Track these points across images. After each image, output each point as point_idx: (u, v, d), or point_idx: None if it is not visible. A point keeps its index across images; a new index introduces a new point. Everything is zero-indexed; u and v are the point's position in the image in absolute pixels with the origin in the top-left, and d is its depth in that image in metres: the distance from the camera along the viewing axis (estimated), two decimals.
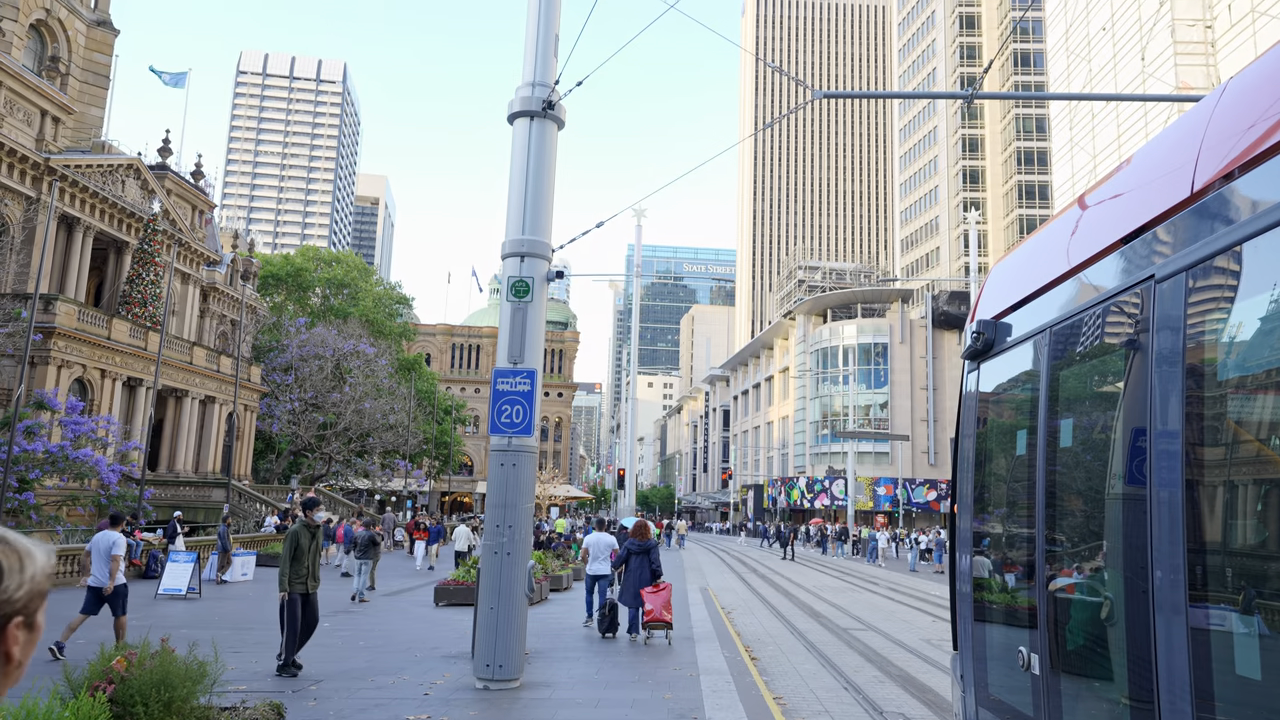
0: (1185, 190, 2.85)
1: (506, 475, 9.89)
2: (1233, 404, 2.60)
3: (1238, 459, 2.58)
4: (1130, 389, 3.09)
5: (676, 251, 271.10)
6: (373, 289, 72.92)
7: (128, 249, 44.16)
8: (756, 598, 22.63)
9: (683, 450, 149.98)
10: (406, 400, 61.48)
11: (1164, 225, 2.97)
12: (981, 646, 4.38)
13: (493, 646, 9.47)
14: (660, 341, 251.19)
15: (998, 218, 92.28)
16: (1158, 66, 54.51)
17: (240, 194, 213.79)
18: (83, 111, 43.05)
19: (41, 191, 38.00)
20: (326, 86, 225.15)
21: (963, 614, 4.63)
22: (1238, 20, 49.31)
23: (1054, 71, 72.80)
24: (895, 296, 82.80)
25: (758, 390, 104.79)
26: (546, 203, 10.02)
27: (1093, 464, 3.48)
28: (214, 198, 54.47)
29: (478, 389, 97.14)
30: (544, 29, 10.00)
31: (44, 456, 28.71)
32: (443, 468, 76.29)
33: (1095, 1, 64.68)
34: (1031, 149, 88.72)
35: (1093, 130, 63.02)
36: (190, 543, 25.70)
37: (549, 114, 10.04)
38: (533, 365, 10.03)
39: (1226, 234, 2.57)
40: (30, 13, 39.90)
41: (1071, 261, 3.65)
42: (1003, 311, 4.36)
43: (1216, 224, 2.65)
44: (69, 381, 37.38)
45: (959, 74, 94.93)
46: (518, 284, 9.76)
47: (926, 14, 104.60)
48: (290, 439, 55.79)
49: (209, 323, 53.66)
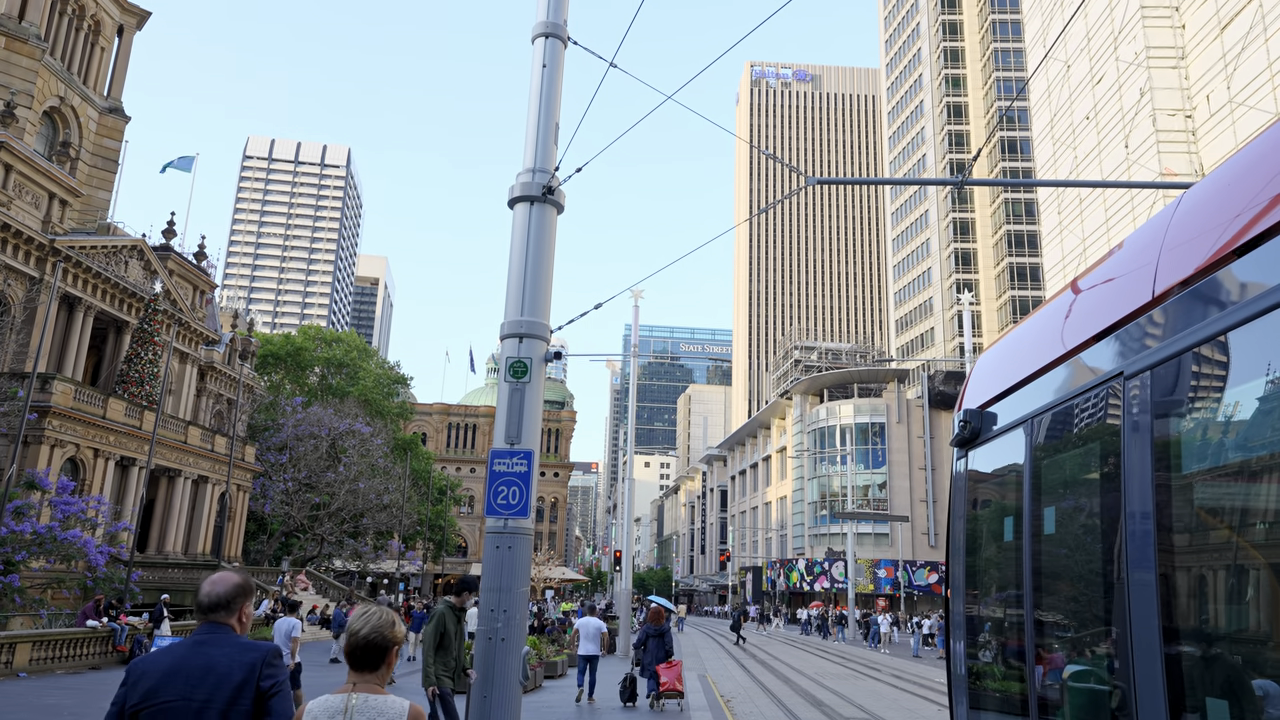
0: (1147, 294, 3.07)
1: (502, 558, 9.75)
2: (1198, 495, 2.77)
3: (1205, 546, 2.74)
4: (1105, 481, 3.26)
5: (673, 331, 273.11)
6: (372, 369, 73.09)
7: (127, 328, 44.42)
8: (757, 684, 22.02)
9: (680, 531, 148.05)
10: (401, 480, 60.95)
11: (1131, 326, 3.19)
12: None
13: None
14: (657, 421, 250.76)
15: (990, 299, 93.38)
16: (1141, 154, 56.01)
17: (242, 274, 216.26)
18: (91, 194, 43.88)
19: (45, 272, 38.42)
20: (330, 171, 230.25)
21: (958, 699, 4.65)
22: (1216, 110, 50.91)
23: (1040, 158, 74.74)
24: (891, 376, 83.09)
25: (755, 470, 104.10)
26: (545, 285, 10.16)
27: (1074, 551, 3.62)
28: (216, 278, 55.07)
29: (473, 469, 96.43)
30: (544, 117, 10.30)
31: (32, 537, 28.25)
32: (438, 550, 75.14)
33: (1078, 92, 66.86)
34: (1021, 232, 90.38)
35: (1080, 214, 64.34)
36: (177, 627, 25.10)
37: (549, 199, 10.26)
38: (530, 446, 9.99)
39: (1183, 338, 2.81)
40: (45, 100, 41.07)
41: (1049, 356, 3.86)
42: (987, 401, 4.55)
43: (1174, 328, 2.89)
44: (61, 461, 37.10)
45: (948, 160, 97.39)
46: (516, 364, 9.82)
47: (915, 103, 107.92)
48: (283, 519, 55.08)
49: (205, 401, 53.58)
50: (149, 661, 3.28)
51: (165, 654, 3.29)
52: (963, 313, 48.13)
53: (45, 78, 40.79)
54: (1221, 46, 50.40)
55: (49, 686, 18.59)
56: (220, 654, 3.22)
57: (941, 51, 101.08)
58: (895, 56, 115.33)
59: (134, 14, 47.48)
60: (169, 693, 3.15)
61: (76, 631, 22.84)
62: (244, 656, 3.22)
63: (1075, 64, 67.37)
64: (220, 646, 3.25)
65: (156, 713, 3.14)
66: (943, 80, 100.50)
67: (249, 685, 3.17)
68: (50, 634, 21.99)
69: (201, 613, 3.37)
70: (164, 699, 3.14)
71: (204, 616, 3.36)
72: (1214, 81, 51.40)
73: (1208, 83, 52.21)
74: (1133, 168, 56.14)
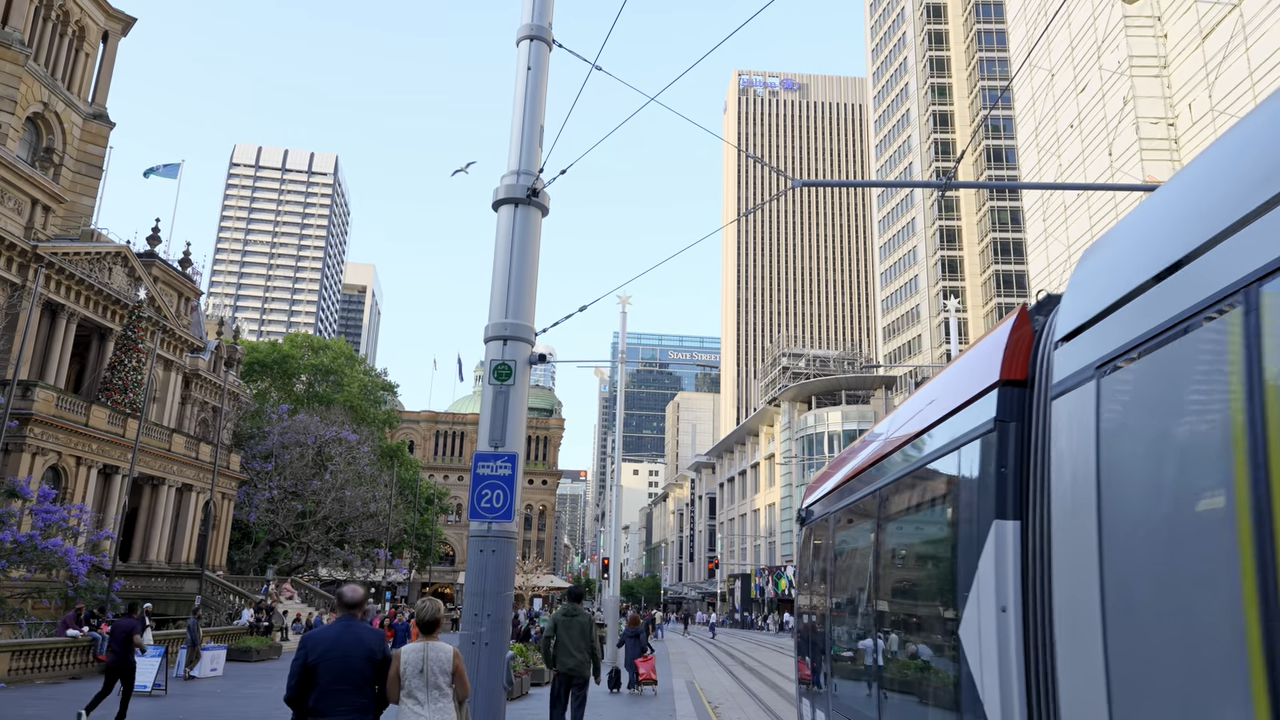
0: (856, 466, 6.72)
1: (486, 562, 9.67)
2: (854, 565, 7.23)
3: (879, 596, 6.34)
4: (859, 554, 7.00)
5: (662, 339, 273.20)
6: (359, 376, 72.68)
7: (111, 335, 44.05)
8: (744, 690, 21.97)
9: (668, 539, 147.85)
10: (388, 488, 60.61)
11: (858, 476, 6.86)
12: (818, 676, 8.58)
13: None
14: (646, 428, 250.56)
15: (977, 305, 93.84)
16: (1124, 161, 56.46)
17: (228, 282, 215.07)
18: (74, 200, 43.55)
19: (27, 279, 38.07)
20: (318, 178, 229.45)
21: (803, 658, 9.72)
22: (1198, 119, 51.41)
23: (1025, 166, 75.26)
24: (879, 383, 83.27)
25: (743, 477, 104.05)
26: (530, 287, 10.12)
27: (854, 591, 7.13)
28: (201, 285, 54.68)
29: (460, 476, 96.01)
30: (529, 120, 10.28)
31: (12, 546, 27.92)
32: (424, 558, 74.69)
33: (1062, 100, 67.40)
34: (1008, 239, 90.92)
35: (1065, 222, 64.80)
36: (159, 636, 24.83)
37: (533, 201, 10.24)
38: (515, 449, 9.93)
39: (853, 491, 6.96)
40: (28, 105, 40.77)
41: (835, 483, 7.85)
42: (813, 501, 9.19)
43: (859, 484, 6.81)
44: (43, 469, 36.71)
45: (934, 168, 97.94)
46: (500, 367, 9.76)
47: (901, 112, 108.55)
48: (268, 528, 54.63)
49: (190, 409, 53.16)
50: (318, 634, 5.89)
51: (328, 630, 5.90)
52: (949, 319, 48.33)
53: (29, 83, 40.50)
54: (1203, 56, 50.92)
55: (28, 697, 18.33)
56: (362, 631, 5.94)
57: (927, 60, 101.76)
58: (882, 65, 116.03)
59: (119, 20, 47.23)
60: (336, 652, 5.73)
61: (57, 641, 22.55)
62: (372, 634, 5.97)
63: (1059, 73, 67.95)
64: (361, 627, 5.95)
65: (330, 662, 5.68)
66: (929, 89, 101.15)
67: (377, 650, 5.87)
68: (30, 643, 21.70)
69: (345, 607, 5.99)
70: (334, 655, 5.71)
71: (347, 610, 5.98)
72: (1196, 90, 51.92)
73: (1189, 91, 52.73)
74: (1116, 175, 56.59)
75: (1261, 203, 2.39)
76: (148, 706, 17.07)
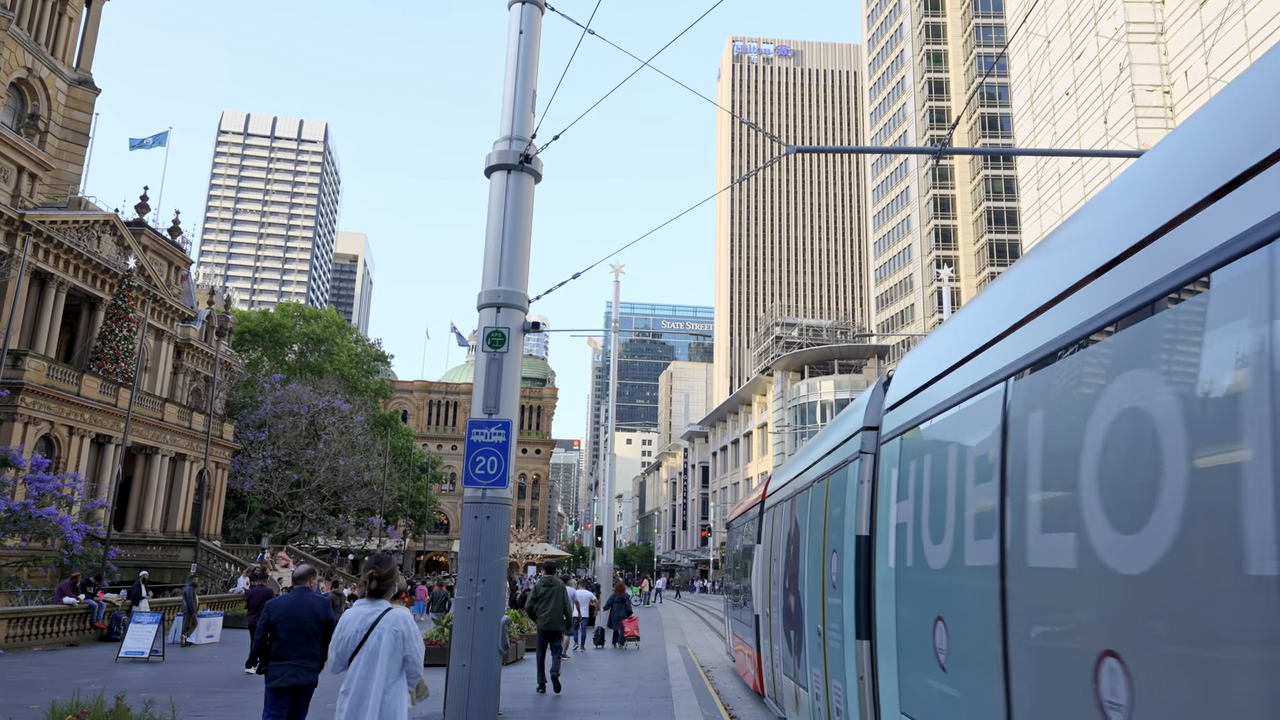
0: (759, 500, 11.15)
1: (480, 528, 9.73)
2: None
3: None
4: (759, 549, 13.00)
5: (655, 309, 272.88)
6: (350, 345, 72.45)
7: (101, 305, 43.77)
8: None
9: (662, 508, 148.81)
10: (382, 457, 60.73)
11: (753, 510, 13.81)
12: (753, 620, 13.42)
13: (464, 706, 9.19)
14: (639, 398, 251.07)
15: (970, 275, 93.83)
16: (1120, 129, 56.22)
17: (218, 251, 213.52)
18: (61, 168, 43.05)
19: (15, 247, 37.73)
20: (308, 146, 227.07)
21: (726, 598, 19.85)
22: (1194, 86, 51.14)
23: (1020, 134, 74.86)
24: (871, 353, 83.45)
25: (736, 446, 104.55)
26: (523, 254, 10.07)
27: (763, 565, 12.51)
28: (191, 254, 54.28)
29: (454, 445, 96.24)
30: (521, 85, 10.17)
31: (6, 515, 27.97)
32: (419, 527, 75.06)
33: (1058, 68, 66.92)
34: (1001, 209, 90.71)
35: (1059, 191, 64.63)
36: (156, 604, 24.97)
37: (526, 167, 10.16)
38: (508, 416, 9.95)
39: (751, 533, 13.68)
40: (11, 71, 40.13)
41: (743, 506, 16.45)
42: (733, 516, 18.48)
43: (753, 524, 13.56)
44: (35, 438, 36.66)
45: (929, 136, 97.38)
46: (493, 334, 9.75)
47: (896, 79, 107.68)
48: (262, 497, 54.76)
49: (182, 379, 53.02)
50: (277, 601, 7.73)
51: (286, 597, 7.71)
52: (942, 289, 48.34)
53: (11, 48, 39.84)
54: (1200, 22, 50.54)
55: (26, 663, 18.46)
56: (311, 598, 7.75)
57: (923, 27, 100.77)
58: (877, 32, 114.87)
59: None
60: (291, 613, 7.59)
61: (53, 608, 22.67)
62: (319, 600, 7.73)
63: (1056, 40, 67.39)
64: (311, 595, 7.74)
65: (287, 620, 7.56)
66: (924, 56, 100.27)
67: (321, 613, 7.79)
68: (27, 611, 21.81)
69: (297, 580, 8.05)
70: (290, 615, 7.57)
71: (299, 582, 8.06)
72: (1192, 57, 51.59)
73: (1186, 58, 52.40)
74: (1111, 143, 56.38)
75: (953, 363, 4.54)
76: (145, 672, 17.22)
